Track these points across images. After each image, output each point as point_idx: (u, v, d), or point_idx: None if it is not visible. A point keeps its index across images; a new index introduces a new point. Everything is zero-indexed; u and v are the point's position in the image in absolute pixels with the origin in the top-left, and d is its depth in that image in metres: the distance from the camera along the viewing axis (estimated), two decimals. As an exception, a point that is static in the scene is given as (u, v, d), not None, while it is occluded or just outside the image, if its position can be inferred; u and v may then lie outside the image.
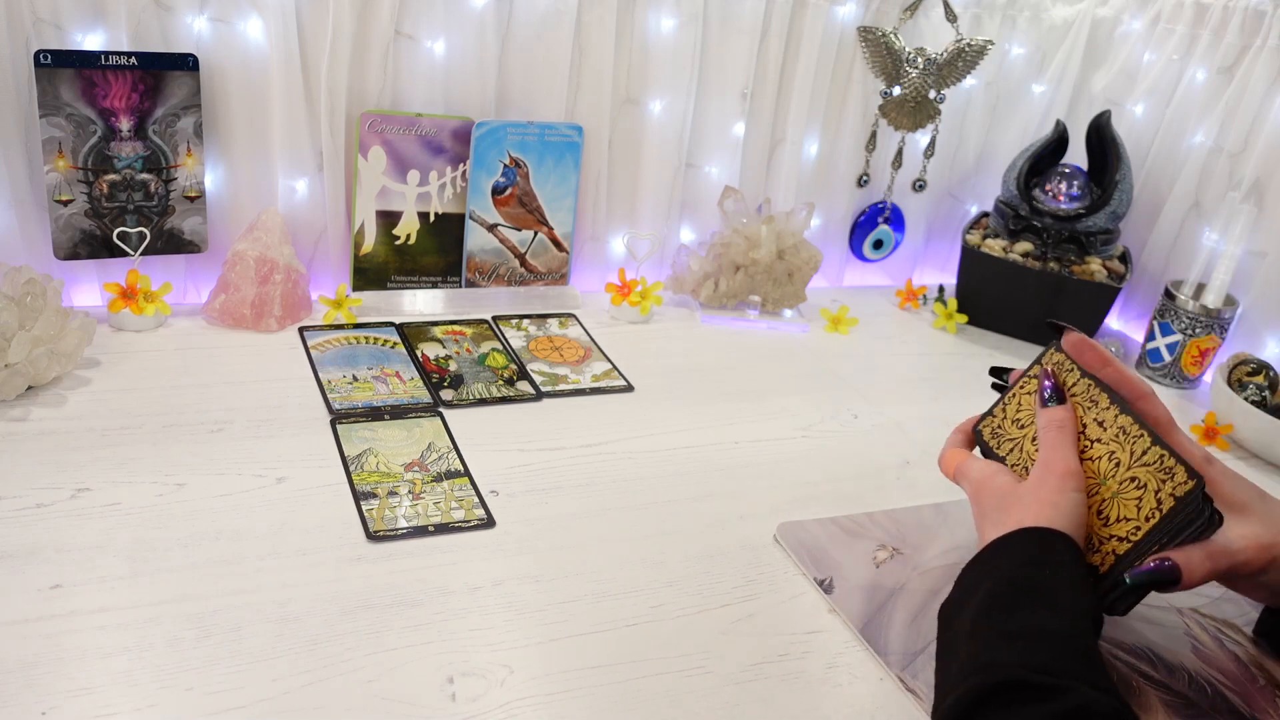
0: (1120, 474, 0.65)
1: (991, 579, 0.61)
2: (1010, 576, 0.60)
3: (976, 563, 0.64)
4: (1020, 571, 0.60)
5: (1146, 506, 0.63)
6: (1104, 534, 0.64)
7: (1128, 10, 1.33)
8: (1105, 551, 0.64)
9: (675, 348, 1.14)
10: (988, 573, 0.62)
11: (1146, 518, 0.63)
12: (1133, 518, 0.63)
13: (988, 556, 0.64)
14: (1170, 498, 0.62)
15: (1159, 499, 0.62)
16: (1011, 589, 0.59)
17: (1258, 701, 0.68)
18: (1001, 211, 1.27)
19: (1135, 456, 0.65)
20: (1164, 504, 0.62)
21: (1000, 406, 0.76)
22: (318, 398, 0.92)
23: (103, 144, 0.97)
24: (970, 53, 1.28)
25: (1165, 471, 0.63)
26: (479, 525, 0.78)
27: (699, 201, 1.27)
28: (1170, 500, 0.62)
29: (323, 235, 1.11)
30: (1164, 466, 0.63)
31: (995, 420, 0.76)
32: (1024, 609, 0.57)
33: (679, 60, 1.17)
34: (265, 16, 0.99)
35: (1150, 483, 0.63)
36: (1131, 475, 0.64)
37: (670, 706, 0.63)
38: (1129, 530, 0.63)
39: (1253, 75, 1.17)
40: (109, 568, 0.68)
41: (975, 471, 0.72)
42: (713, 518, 0.83)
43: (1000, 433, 0.75)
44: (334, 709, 0.59)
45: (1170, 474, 0.62)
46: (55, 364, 0.87)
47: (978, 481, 0.71)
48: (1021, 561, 0.61)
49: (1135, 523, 0.63)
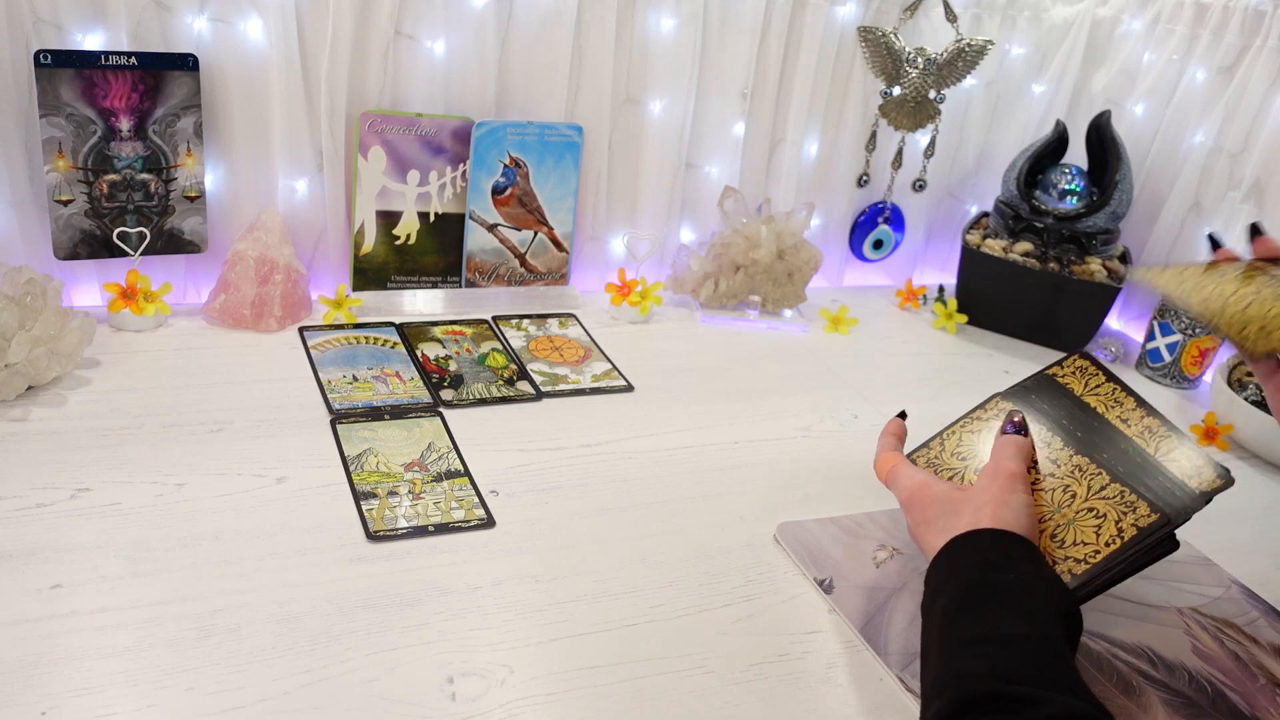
0: (1076, 504, 0.68)
1: (952, 583, 0.60)
2: (971, 580, 0.60)
3: (936, 566, 0.63)
4: (980, 575, 0.60)
5: (1106, 533, 0.65)
6: (1059, 554, 0.66)
7: (1128, 10, 1.33)
8: (1061, 570, 0.65)
9: (675, 348, 1.14)
10: (948, 577, 0.62)
11: (1106, 543, 0.65)
12: (1091, 542, 0.65)
13: (945, 561, 0.63)
14: (1133, 527, 0.64)
15: (1120, 528, 0.65)
16: (973, 593, 0.59)
17: (1258, 701, 0.68)
18: (1001, 211, 1.27)
19: (1093, 490, 0.68)
20: (1125, 532, 0.64)
21: (939, 440, 0.78)
22: (318, 398, 0.92)
23: (103, 144, 0.97)
24: (970, 53, 1.28)
25: (1127, 505, 0.66)
26: (479, 525, 0.78)
27: (699, 201, 1.27)
28: (1132, 530, 0.64)
29: (323, 235, 1.11)
30: (1125, 500, 0.66)
31: (932, 452, 0.78)
32: (988, 614, 0.57)
33: (679, 60, 1.17)
34: (265, 16, 0.99)
35: (1110, 513, 0.66)
36: (1089, 506, 0.67)
37: (670, 706, 0.63)
38: (1087, 553, 0.65)
39: (1253, 75, 1.17)
40: (109, 568, 0.68)
41: (908, 478, 0.72)
42: (713, 518, 0.83)
43: (938, 463, 0.77)
44: (334, 709, 0.59)
45: (1132, 507, 0.65)
46: (55, 364, 0.87)
47: (911, 489, 0.70)
48: (980, 564, 0.61)
49: (1094, 546, 0.65)
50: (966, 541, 0.63)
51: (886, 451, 0.77)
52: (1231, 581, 0.81)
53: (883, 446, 0.78)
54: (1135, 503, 0.65)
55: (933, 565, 0.64)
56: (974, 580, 0.60)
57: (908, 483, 0.71)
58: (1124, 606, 0.76)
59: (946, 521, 0.65)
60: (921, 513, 0.68)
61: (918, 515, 0.69)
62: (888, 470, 0.75)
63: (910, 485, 0.71)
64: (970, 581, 0.60)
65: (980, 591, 0.59)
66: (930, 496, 0.68)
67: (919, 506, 0.69)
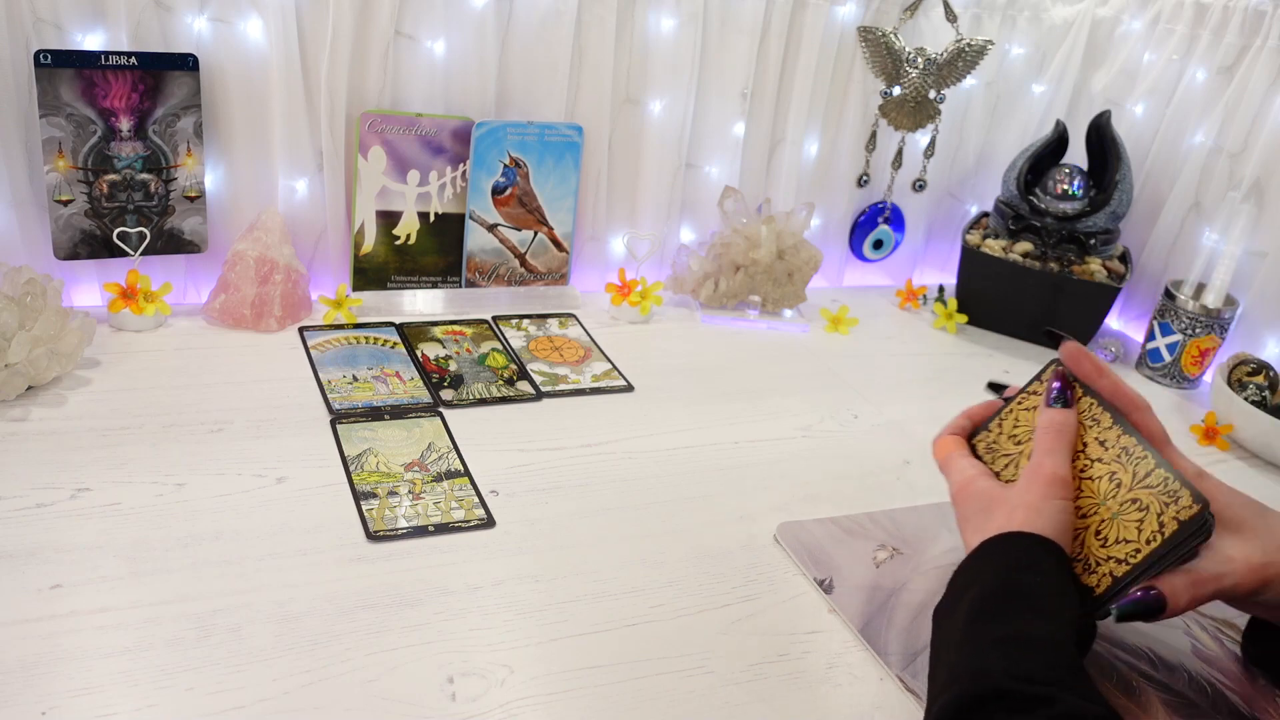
0: (1121, 495, 0.63)
1: (978, 585, 0.60)
2: (996, 583, 0.60)
3: (964, 568, 0.63)
4: (1006, 577, 0.60)
5: (1148, 530, 0.61)
6: (1101, 555, 0.63)
7: (1128, 10, 1.33)
8: (1102, 573, 0.62)
9: (675, 348, 1.14)
10: (974, 578, 0.61)
11: (1147, 540, 0.61)
12: (1133, 539, 0.61)
13: (973, 561, 0.63)
14: (1174, 521, 0.60)
15: (1161, 522, 0.60)
16: (998, 595, 0.59)
17: (1258, 701, 0.68)
18: (1001, 211, 1.27)
19: (1138, 478, 0.63)
20: (1166, 527, 0.60)
21: (997, 421, 0.74)
22: (318, 398, 0.92)
23: (103, 144, 0.97)
24: (970, 53, 1.28)
25: (1169, 495, 0.61)
26: (479, 525, 0.78)
27: (699, 201, 1.27)
28: (1173, 524, 0.60)
29: (323, 235, 1.11)
30: (1168, 489, 0.61)
31: (990, 435, 0.73)
32: (1011, 616, 0.57)
33: (679, 60, 1.17)
34: (265, 16, 0.99)
35: (1153, 505, 0.61)
36: (1133, 497, 0.63)
37: (670, 706, 0.63)
38: (1128, 552, 0.61)
39: (1253, 75, 1.17)
40: (109, 568, 0.68)
41: (959, 471, 0.70)
42: (713, 518, 0.83)
43: (995, 448, 0.73)
44: (334, 709, 0.59)
45: (1175, 497, 0.60)
46: (55, 364, 0.87)
47: (960, 483, 0.69)
48: (1007, 567, 0.61)
49: (1135, 545, 0.61)
50: (995, 544, 0.63)
51: (950, 433, 0.74)
52: (1231, 581, 0.81)
53: (954, 426, 0.75)
54: (1178, 492, 0.60)
55: (960, 565, 0.64)
56: (998, 583, 0.60)
57: (958, 477, 0.70)
58: (1124, 606, 0.76)
59: (982, 521, 0.65)
60: (964, 509, 0.68)
61: (961, 511, 0.68)
62: (944, 456, 0.73)
63: (960, 479, 0.70)
64: (994, 584, 0.60)
65: (1003, 594, 0.59)
66: (972, 493, 0.68)
67: (962, 502, 0.68)
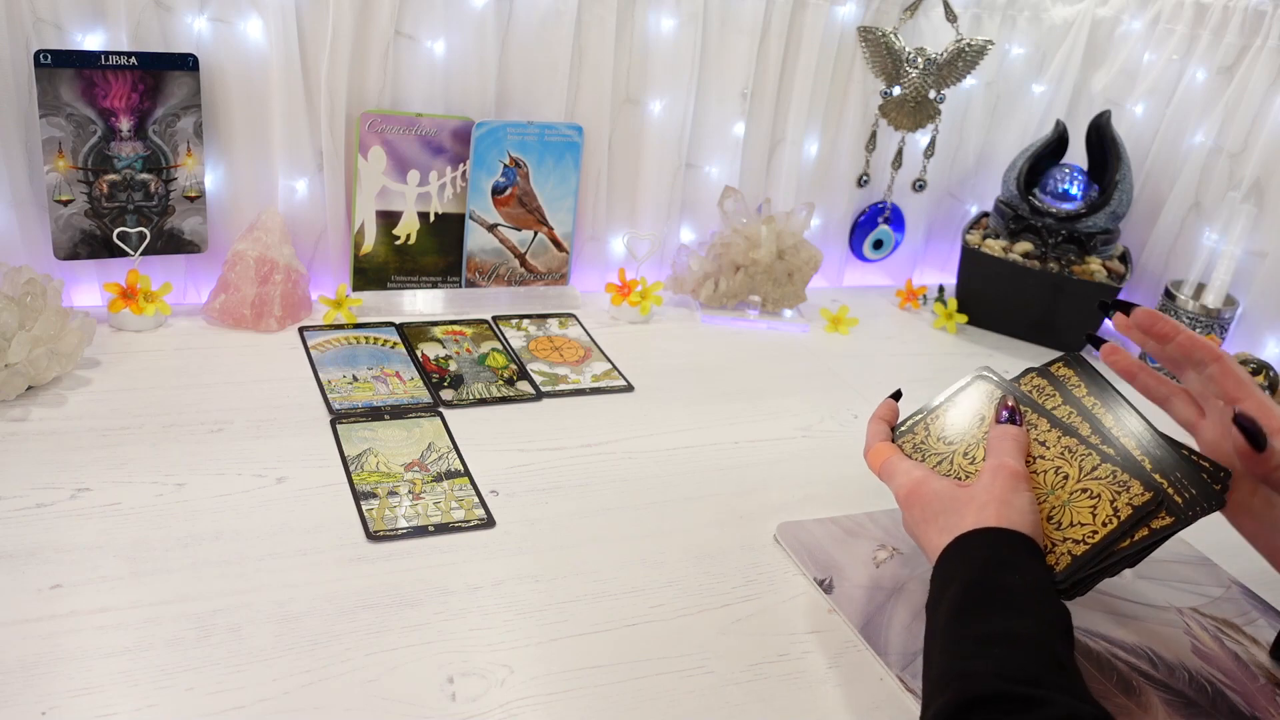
0: (1070, 485, 0.67)
1: (959, 581, 0.60)
2: (977, 579, 0.59)
3: (941, 564, 0.63)
4: (987, 574, 0.60)
5: (1102, 514, 0.64)
6: (1057, 536, 0.65)
7: (1128, 10, 1.33)
8: (1060, 553, 0.65)
9: (675, 348, 1.14)
10: (954, 574, 0.61)
11: (1104, 523, 0.64)
12: (1088, 523, 0.65)
13: (951, 558, 0.63)
14: (1128, 506, 0.64)
15: (1115, 507, 0.64)
16: (979, 592, 0.58)
17: (1258, 701, 0.68)
18: (1001, 211, 1.27)
19: (1084, 471, 0.67)
20: (1121, 512, 0.64)
21: (922, 425, 0.76)
22: (318, 398, 0.92)
23: (103, 144, 0.97)
24: (970, 53, 1.28)
25: (1119, 484, 0.65)
26: (479, 525, 0.78)
27: (699, 201, 1.27)
28: (1128, 509, 0.64)
29: (323, 235, 1.11)
30: (1117, 480, 0.65)
31: (917, 437, 0.75)
32: (994, 614, 0.57)
33: (679, 60, 1.17)
34: (265, 16, 0.99)
35: (1104, 494, 0.65)
36: (1082, 487, 0.66)
37: (670, 706, 0.63)
38: (1085, 534, 0.64)
39: (1253, 75, 1.17)
40: (109, 568, 0.68)
41: (904, 474, 0.70)
42: (713, 518, 0.83)
43: (924, 447, 0.74)
44: (334, 709, 0.59)
45: (1125, 486, 0.65)
46: (55, 364, 0.87)
47: (910, 484, 0.69)
48: (987, 563, 0.61)
49: (1092, 527, 0.64)
50: (971, 540, 0.62)
51: (878, 440, 0.75)
52: (1231, 581, 0.81)
53: (873, 434, 0.75)
54: (1129, 482, 0.65)
55: (938, 563, 0.63)
56: (979, 579, 0.59)
57: (905, 479, 0.69)
58: (1124, 606, 0.76)
59: (948, 520, 0.64)
60: (922, 510, 0.67)
61: (917, 513, 0.67)
62: (881, 462, 0.72)
63: (908, 481, 0.69)
64: (976, 580, 0.59)
65: (986, 590, 0.58)
66: (931, 493, 0.67)
67: (919, 504, 0.67)
